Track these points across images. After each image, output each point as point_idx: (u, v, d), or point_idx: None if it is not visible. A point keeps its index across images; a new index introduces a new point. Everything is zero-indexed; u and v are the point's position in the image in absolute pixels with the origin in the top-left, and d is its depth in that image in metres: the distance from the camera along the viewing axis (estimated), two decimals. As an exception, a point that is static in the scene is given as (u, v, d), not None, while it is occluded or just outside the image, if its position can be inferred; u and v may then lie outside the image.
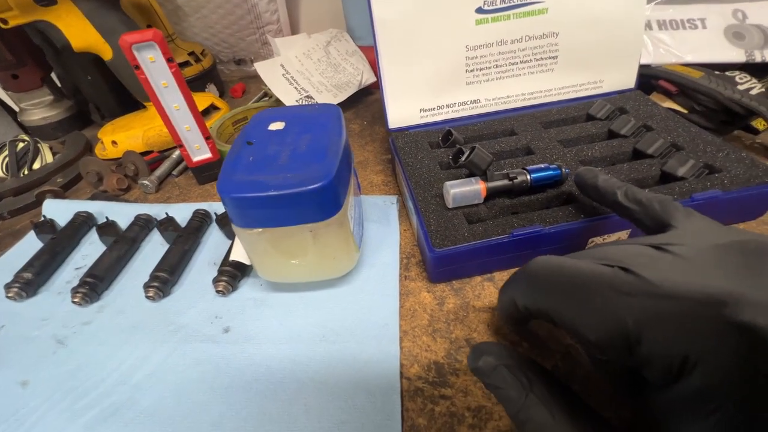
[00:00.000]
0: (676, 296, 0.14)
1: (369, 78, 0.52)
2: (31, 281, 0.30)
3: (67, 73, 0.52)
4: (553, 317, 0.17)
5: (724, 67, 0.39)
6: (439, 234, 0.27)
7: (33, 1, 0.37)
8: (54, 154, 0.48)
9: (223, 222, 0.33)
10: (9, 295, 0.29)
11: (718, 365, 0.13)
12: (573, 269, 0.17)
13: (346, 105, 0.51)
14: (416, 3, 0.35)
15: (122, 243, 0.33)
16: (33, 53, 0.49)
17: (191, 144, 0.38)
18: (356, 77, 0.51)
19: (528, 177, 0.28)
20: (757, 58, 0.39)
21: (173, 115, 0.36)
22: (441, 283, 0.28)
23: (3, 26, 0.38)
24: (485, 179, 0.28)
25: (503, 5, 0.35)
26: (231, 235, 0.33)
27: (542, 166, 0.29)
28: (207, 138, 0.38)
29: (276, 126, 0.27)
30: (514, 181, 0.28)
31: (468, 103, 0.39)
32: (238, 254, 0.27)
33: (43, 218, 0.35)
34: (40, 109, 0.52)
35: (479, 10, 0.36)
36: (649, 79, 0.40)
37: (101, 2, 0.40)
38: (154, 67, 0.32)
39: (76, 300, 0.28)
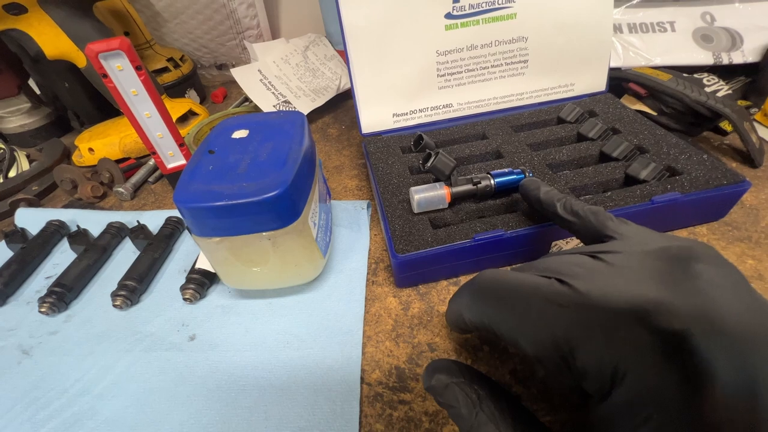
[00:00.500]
0: (603, 307, 0.14)
1: (347, 82, 0.52)
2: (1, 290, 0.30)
3: (45, 80, 0.52)
4: (495, 331, 0.17)
5: (692, 69, 0.40)
6: (402, 239, 0.27)
7: (3, 9, 0.37)
8: (31, 161, 0.48)
9: (195, 229, 0.33)
10: (-25, 305, 0.29)
11: (645, 374, 0.13)
12: (513, 282, 0.18)
13: (325, 109, 0.52)
14: (386, 10, 0.35)
15: (92, 251, 0.33)
16: (9, 61, 0.49)
17: (164, 151, 0.38)
18: (335, 82, 0.51)
19: (492, 182, 0.29)
20: (725, 60, 0.39)
21: (144, 122, 0.35)
22: (407, 287, 0.28)
23: (-26, 35, 0.38)
24: (450, 184, 0.29)
25: (472, 11, 0.36)
26: (202, 242, 0.33)
27: (506, 170, 0.29)
28: (180, 145, 0.38)
29: (239, 134, 0.27)
30: (478, 185, 0.29)
31: (440, 107, 0.39)
32: (204, 262, 0.27)
33: (14, 227, 0.35)
34: (17, 117, 0.51)
35: (448, 16, 0.36)
36: (620, 82, 0.41)
37: (73, 10, 0.40)
38: (122, 75, 0.32)
39: (42, 310, 0.28)
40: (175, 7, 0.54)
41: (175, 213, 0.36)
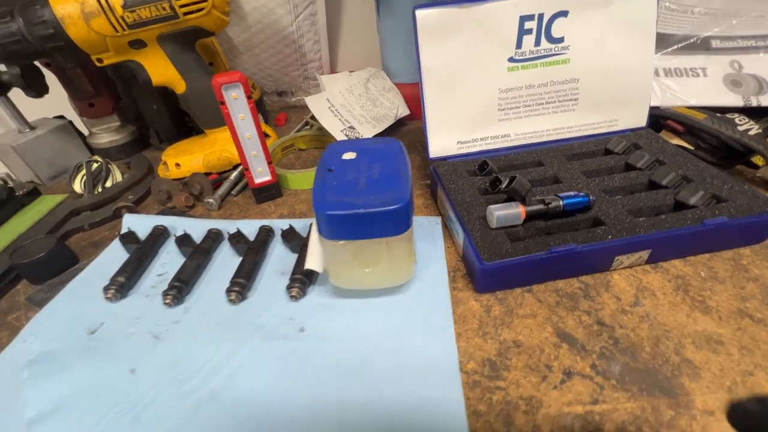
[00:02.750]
0: None
1: (404, 111, 0.58)
2: (124, 284, 0.34)
3: (134, 102, 0.58)
4: None
5: (724, 110, 0.45)
6: (486, 250, 0.31)
7: (127, 44, 0.43)
8: (121, 174, 0.53)
9: (288, 237, 0.38)
10: (107, 296, 0.34)
11: None
12: None
13: (382, 135, 0.57)
14: (458, 54, 0.41)
15: (199, 253, 0.37)
16: (107, 85, 0.56)
17: (255, 167, 0.43)
18: (393, 111, 0.57)
19: (561, 203, 0.33)
20: (753, 102, 0.44)
21: (245, 142, 0.41)
22: (486, 293, 0.32)
23: (99, 64, 0.44)
24: (524, 203, 0.33)
25: (532, 56, 0.41)
26: (296, 249, 0.38)
27: (572, 193, 0.34)
28: (269, 163, 0.43)
29: (349, 156, 0.32)
30: (549, 205, 0.33)
31: (499, 137, 0.44)
32: (313, 264, 0.32)
33: (127, 230, 0.40)
34: (107, 134, 0.58)
35: (511, 60, 0.41)
36: (658, 119, 0.46)
37: (181, 45, 0.46)
38: (236, 103, 0.38)
39: (167, 301, 0.33)
40: (251, 42, 0.61)
41: (265, 222, 0.41)
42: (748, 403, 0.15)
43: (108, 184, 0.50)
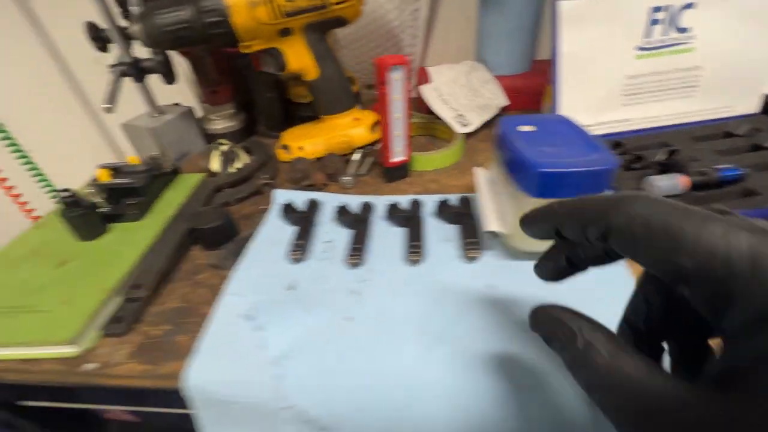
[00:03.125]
0: None
1: (503, 102, 0.61)
2: (305, 248, 0.37)
3: (247, 90, 0.61)
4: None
5: (833, 97, 0.48)
6: (657, 215, 0.34)
7: (277, 32, 0.47)
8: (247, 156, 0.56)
9: (443, 210, 0.41)
10: (295, 257, 0.36)
11: None
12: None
13: (485, 124, 0.60)
14: (592, 42, 0.44)
15: (362, 223, 0.40)
16: (229, 74, 0.59)
17: (394, 147, 0.46)
18: (493, 101, 0.60)
19: (717, 174, 0.36)
20: None
21: (393, 121, 0.44)
22: (651, 256, 0.35)
23: (244, 51, 0.48)
24: (684, 174, 0.36)
25: (660, 45, 0.44)
26: (449, 220, 0.40)
27: (725, 166, 0.36)
28: (408, 143, 0.46)
29: (525, 128, 0.34)
30: (707, 177, 0.35)
31: (621, 120, 0.47)
32: (494, 225, 0.34)
33: (288, 203, 0.43)
34: (222, 120, 0.61)
35: (640, 48, 0.44)
36: (769, 106, 0.48)
37: (320, 34, 0.50)
38: (395, 83, 0.41)
39: (353, 262, 0.35)
40: (355, 35, 0.65)
41: (415, 197, 0.43)
42: None
43: (237, 165, 0.53)
